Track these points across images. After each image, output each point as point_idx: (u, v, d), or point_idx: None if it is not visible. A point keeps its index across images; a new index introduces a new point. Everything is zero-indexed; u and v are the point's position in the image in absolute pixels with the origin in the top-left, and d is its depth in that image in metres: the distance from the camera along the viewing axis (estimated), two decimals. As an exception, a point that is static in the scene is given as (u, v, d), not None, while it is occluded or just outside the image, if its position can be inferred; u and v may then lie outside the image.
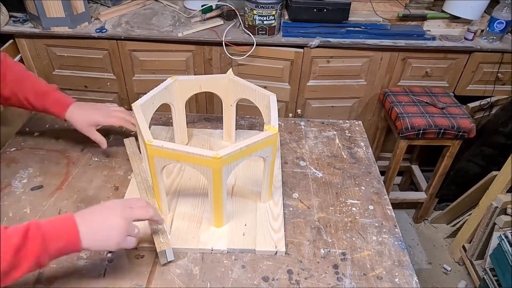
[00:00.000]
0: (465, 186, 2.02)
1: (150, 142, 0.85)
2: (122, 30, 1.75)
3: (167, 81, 1.05)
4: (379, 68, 1.87)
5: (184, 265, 0.88)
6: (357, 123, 1.37)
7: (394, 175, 1.94)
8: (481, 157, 1.98)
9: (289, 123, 1.34)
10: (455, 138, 1.77)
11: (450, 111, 1.79)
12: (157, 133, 1.24)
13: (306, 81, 1.88)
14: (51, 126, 1.26)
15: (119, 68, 1.84)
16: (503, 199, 1.70)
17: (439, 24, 1.88)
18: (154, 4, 2.01)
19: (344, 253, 0.93)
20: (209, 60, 1.83)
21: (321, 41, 1.75)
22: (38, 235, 0.69)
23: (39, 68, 1.84)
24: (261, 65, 1.83)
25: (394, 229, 1.00)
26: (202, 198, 1.03)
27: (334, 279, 0.87)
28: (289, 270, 0.88)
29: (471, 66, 1.87)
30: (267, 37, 1.76)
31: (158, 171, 0.89)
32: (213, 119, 1.34)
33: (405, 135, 1.73)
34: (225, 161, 0.83)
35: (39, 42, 1.76)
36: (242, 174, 1.11)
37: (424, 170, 2.22)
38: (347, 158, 1.21)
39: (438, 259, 2.03)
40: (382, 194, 1.09)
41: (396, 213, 1.06)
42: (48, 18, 1.67)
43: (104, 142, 1.08)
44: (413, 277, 0.89)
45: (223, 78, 1.10)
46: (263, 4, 1.67)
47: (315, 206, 1.04)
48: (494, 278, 1.67)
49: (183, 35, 1.73)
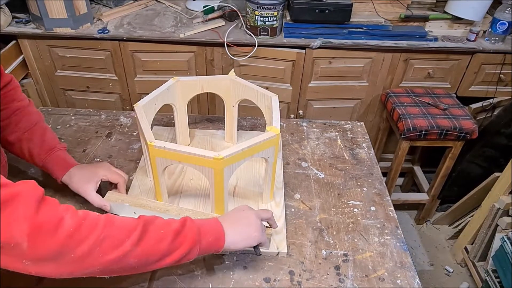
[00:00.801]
0: (467, 188, 2.02)
1: (152, 143, 0.85)
2: (124, 31, 1.75)
3: (169, 82, 1.05)
4: (381, 69, 1.87)
5: (185, 265, 0.88)
6: (359, 124, 1.36)
7: (396, 176, 1.94)
8: (483, 159, 1.98)
9: (291, 124, 1.34)
10: (457, 139, 1.76)
11: (452, 112, 1.78)
12: (159, 133, 1.24)
13: (308, 82, 1.88)
14: (54, 127, 1.27)
15: (121, 68, 1.84)
16: (505, 200, 1.70)
17: (441, 25, 1.88)
18: (156, 5, 2.01)
19: (346, 254, 0.93)
20: (211, 61, 1.83)
21: (323, 42, 1.75)
22: (194, 226, 0.73)
23: (41, 69, 1.85)
24: (263, 66, 1.83)
25: (396, 231, 0.99)
26: (204, 198, 1.03)
27: (336, 280, 0.87)
28: (290, 271, 0.88)
29: (473, 67, 1.87)
30: (269, 38, 1.77)
31: (160, 172, 0.90)
32: (215, 119, 1.34)
33: (407, 136, 1.73)
34: (226, 162, 0.83)
35: (42, 43, 1.77)
36: (243, 175, 1.11)
37: (426, 171, 2.22)
38: (349, 159, 1.21)
39: (440, 261, 2.02)
40: (384, 195, 1.09)
41: (398, 214, 1.06)
42: (50, 19, 1.67)
43: (107, 206, 0.94)
44: (415, 278, 0.88)
45: (225, 79, 1.10)
46: (265, 5, 1.67)
47: (317, 207, 1.04)
48: (497, 280, 1.66)
49: (185, 36, 1.74)
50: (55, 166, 0.95)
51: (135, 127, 1.29)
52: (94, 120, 1.31)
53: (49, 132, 0.99)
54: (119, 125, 1.29)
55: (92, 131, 1.26)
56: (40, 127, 0.97)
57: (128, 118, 1.32)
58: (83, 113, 1.34)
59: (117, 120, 1.31)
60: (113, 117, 1.33)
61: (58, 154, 0.96)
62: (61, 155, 0.96)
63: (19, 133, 0.94)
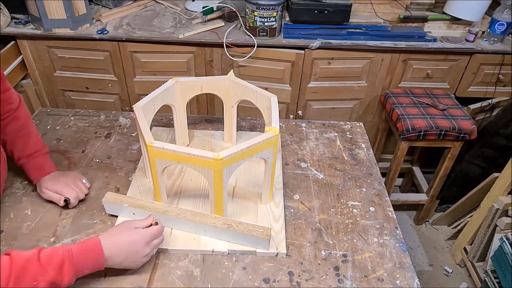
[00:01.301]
0: (466, 188, 2.02)
1: (151, 143, 0.85)
2: (123, 32, 1.75)
3: (168, 83, 1.05)
4: (380, 69, 1.87)
5: (184, 266, 0.88)
6: (358, 125, 1.36)
7: (395, 176, 1.94)
8: (482, 159, 1.98)
9: (290, 125, 1.34)
10: (456, 140, 1.76)
11: (451, 113, 1.79)
12: (158, 134, 1.24)
13: (307, 83, 1.88)
14: (53, 128, 1.26)
15: (120, 69, 1.84)
16: (504, 201, 1.70)
17: (440, 26, 1.88)
18: (155, 6, 2.01)
19: (345, 255, 0.93)
20: (210, 62, 1.83)
21: (322, 43, 1.75)
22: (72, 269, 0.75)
23: (40, 70, 1.85)
24: (262, 67, 1.83)
25: (395, 231, 0.99)
26: (203, 199, 1.03)
27: (335, 281, 0.87)
28: (290, 271, 0.88)
29: (472, 67, 1.87)
30: (268, 38, 1.77)
31: (159, 172, 0.90)
32: (214, 120, 1.34)
33: (406, 136, 1.73)
34: (226, 163, 0.83)
35: (41, 44, 1.77)
36: (243, 176, 1.11)
37: (425, 172, 2.22)
38: (348, 159, 1.21)
39: (439, 261, 2.02)
40: (383, 196, 1.09)
41: (397, 215, 1.06)
42: (49, 20, 1.67)
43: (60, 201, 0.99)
44: (414, 279, 0.89)
45: (224, 79, 1.10)
46: (264, 6, 1.67)
47: (316, 208, 1.04)
48: (496, 280, 1.66)
49: (184, 36, 1.74)
50: (30, 170, 1.02)
51: (134, 127, 1.29)
52: (93, 120, 1.31)
53: (32, 138, 1.03)
54: (118, 125, 1.29)
55: (91, 131, 1.26)
56: (25, 133, 1.02)
57: (127, 119, 1.32)
58: (82, 113, 1.34)
59: (116, 121, 1.31)
60: (112, 118, 1.32)
61: (37, 160, 1.02)
62: (39, 162, 1.03)
63: (4, 135, 0.99)
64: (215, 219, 0.91)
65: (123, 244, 0.81)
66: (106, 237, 0.81)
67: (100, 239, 0.80)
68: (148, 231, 0.84)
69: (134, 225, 0.84)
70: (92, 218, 0.98)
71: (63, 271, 0.73)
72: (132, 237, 0.82)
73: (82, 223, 0.96)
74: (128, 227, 0.84)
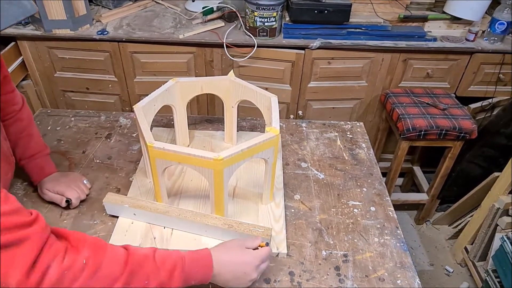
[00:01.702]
0: (467, 188, 2.02)
1: (151, 144, 0.85)
2: (123, 32, 1.75)
3: (169, 83, 1.06)
4: (380, 69, 1.87)
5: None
6: (359, 125, 1.36)
7: (395, 176, 1.94)
8: (482, 158, 1.98)
9: (290, 125, 1.34)
10: (457, 139, 1.76)
11: (451, 112, 1.78)
12: (159, 135, 1.24)
13: (307, 83, 1.88)
14: (53, 128, 1.27)
15: (120, 70, 1.84)
16: (505, 200, 1.70)
17: (440, 25, 1.88)
18: (155, 6, 2.02)
19: (346, 255, 0.93)
20: (210, 62, 1.83)
21: (322, 43, 1.75)
22: (182, 276, 0.73)
23: (40, 70, 1.85)
24: (262, 67, 1.83)
25: (396, 231, 0.99)
26: (204, 199, 1.03)
27: (336, 281, 0.87)
28: (290, 271, 0.88)
29: (473, 67, 1.87)
30: (268, 38, 1.77)
31: (159, 173, 0.90)
32: (215, 120, 1.34)
33: (406, 136, 1.73)
34: (226, 163, 0.83)
35: (41, 45, 1.77)
36: (243, 176, 1.11)
37: (425, 172, 2.22)
38: (349, 159, 1.21)
39: (440, 261, 2.02)
40: (383, 196, 1.09)
41: (398, 215, 1.06)
42: (49, 21, 1.67)
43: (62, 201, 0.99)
44: (415, 278, 0.89)
45: (225, 79, 1.10)
46: (264, 6, 1.67)
47: (317, 208, 1.04)
48: (497, 280, 1.66)
49: (184, 37, 1.74)
50: (32, 172, 1.03)
51: (134, 128, 1.29)
52: (93, 121, 1.31)
53: (34, 139, 1.03)
54: (119, 126, 1.29)
55: (92, 132, 1.26)
56: (28, 134, 1.02)
57: (128, 119, 1.32)
58: (82, 114, 1.34)
59: (117, 121, 1.31)
60: (112, 118, 1.33)
61: (38, 161, 1.03)
62: (40, 163, 1.03)
63: (7, 136, 0.98)
64: (216, 220, 0.91)
65: (233, 264, 0.78)
66: (218, 253, 0.78)
67: (212, 253, 0.78)
68: (259, 253, 0.80)
69: (246, 245, 0.82)
70: (92, 219, 0.98)
71: (173, 276, 0.72)
72: (243, 258, 0.79)
73: (83, 224, 0.96)
74: (240, 246, 0.81)
